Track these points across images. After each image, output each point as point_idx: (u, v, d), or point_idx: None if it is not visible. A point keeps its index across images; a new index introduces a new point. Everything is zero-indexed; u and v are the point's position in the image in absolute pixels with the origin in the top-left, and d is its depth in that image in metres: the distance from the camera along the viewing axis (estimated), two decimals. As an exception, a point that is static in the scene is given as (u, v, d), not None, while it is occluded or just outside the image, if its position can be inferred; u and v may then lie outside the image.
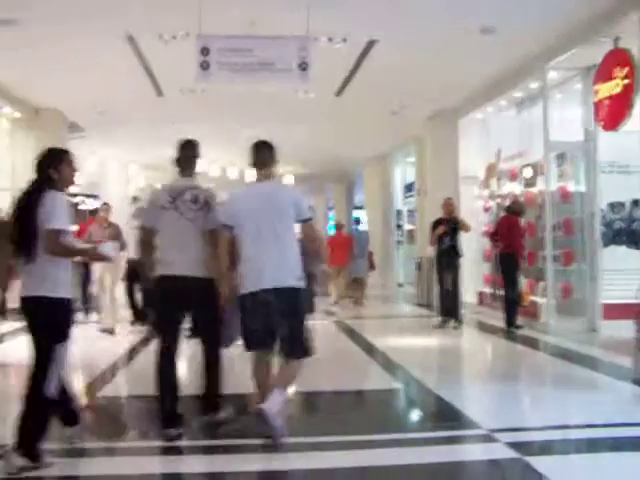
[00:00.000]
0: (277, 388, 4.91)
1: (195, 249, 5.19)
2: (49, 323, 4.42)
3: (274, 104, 13.41)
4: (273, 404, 4.78)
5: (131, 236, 9.62)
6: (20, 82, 12.03)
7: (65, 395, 4.76)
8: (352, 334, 10.66)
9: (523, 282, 10.95)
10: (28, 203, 4.48)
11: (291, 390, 5.39)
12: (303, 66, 8.53)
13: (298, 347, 5.05)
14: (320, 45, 9.17)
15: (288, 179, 24.49)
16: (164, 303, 5.27)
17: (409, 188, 19.05)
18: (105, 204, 11.59)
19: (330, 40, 9.38)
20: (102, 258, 5.06)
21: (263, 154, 5.43)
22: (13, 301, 6.83)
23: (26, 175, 4.75)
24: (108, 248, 4.94)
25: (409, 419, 6.21)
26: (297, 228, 5.21)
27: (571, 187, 10.84)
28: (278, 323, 4.97)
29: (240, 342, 5.20)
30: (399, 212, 20.62)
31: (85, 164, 19.16)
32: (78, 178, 5.46)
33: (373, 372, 8.02)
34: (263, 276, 4.94)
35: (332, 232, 18.44)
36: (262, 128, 16.12)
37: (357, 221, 19.07)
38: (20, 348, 5.34)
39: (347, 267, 14.80)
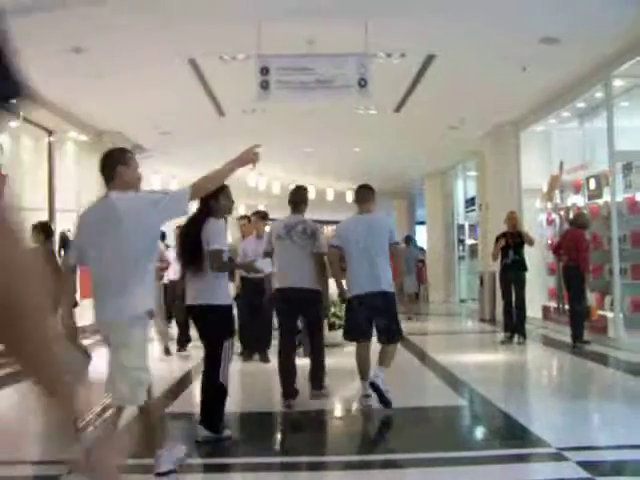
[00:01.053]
0: (381, 365, 6.45)
1: (304, 268, 6.70)
2: (219, 325, 5.41)
3: (334, 121, 13.49)
4: (380, 376, 6.34)
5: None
6: (85, 107, 12.39)
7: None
8: (414, 350, 10.57)
9: (591, 296, 10.68)
10: (194, 229, 5.48)
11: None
12: (362, 82, 8.56)
13: (393, 335, 6.61)
14: (379, 61, 9.20)
15: (349, 196, 24.54)
16: (283, 307, 6.96)
17: (471, 202, 18.87)
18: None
19: (389, 56, 9.40)
20: (256, 271, 6.75)
21: (364, 194, 6.96)
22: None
23: (91, 196, 4.88)
24: (265, 264, 6.45)
25: (475, 436, 6.10)
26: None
27: (638, 197, 10.58)
28: (377, 318, 6.53)
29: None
30: (461, 227, 20.44)
31: (147, 185, 19.58)
32: None
33: (437, 389, 7.92)
34: (366, 283, 6.50)
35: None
36: (322, 145, 16.32)
37: (408, 239, 18.29)
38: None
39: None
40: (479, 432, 6.26)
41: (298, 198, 7.07)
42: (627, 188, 10.71)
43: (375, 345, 6.68)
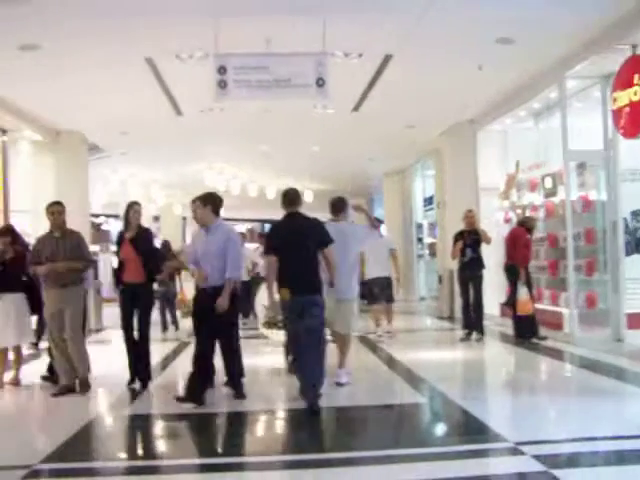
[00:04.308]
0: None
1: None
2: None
3: (292, 121, 13.48)
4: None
5: None
6: (41, 105, 12.20)
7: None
8: (374, 348, 10.62)
9: (523, 292, 10.73)
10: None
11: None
12: (320, 82, 8.55)
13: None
14: (336, 60, 9.20)
15: (307, 195, 24.49)
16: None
17: (429, 201, 19.00)
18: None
19: (346, 55, 9.42)
20: None
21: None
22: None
23: (46, 196, 4.85)
24: None
25: (434, 433, 6.16)
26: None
27: (592, 196, 10.78)
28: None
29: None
30: (419, 225, 20.57)
31: (106, 184, 19.38)
32: (98, 199, 6.13)
33: (397, 386, 7.98)
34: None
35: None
36: (280, 145, 16.29)
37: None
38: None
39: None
40: (438, 429, 6.31)
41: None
42: (581, 187, 10.90)
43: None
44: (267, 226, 36.50)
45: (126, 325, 7.79)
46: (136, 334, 7.78)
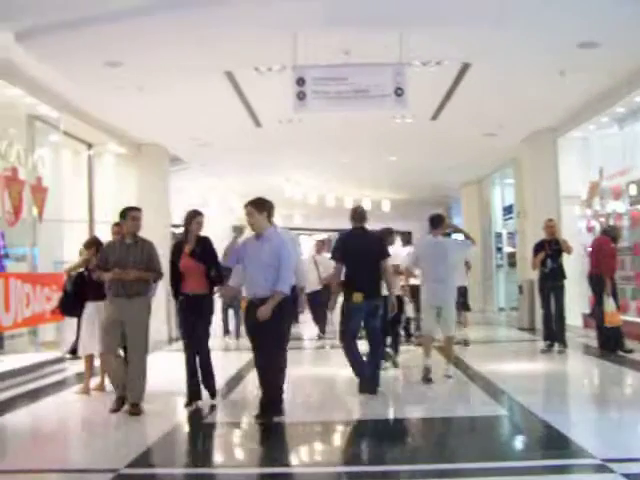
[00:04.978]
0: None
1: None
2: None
3: (371, 131, 13.49)
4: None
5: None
6: (124, 120, 12.59)
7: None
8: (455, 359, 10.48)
9: (611, 303, 10.39)
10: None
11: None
12: (399, 92, 8.54)
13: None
14: (415, 70, 9.18)
15: (385, 205, 24.47)
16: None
17: (508, 210, 18.71)
18: None
19: (424, 64, 9.38)
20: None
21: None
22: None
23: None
24: None
25: (516, 446, 6.02)
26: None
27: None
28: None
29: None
30: (498, 235, 20.27)
31: (186, 195, 19.78)
32: (179, 210, 6.29)
33: (476, 398, 7.85)
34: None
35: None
36: (359, 155, 16.32)
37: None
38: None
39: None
40: (520, 442, 6.16)
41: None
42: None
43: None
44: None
45: (187, 339, 7.34)
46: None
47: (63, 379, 9.23)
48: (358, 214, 7.96)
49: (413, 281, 9.76)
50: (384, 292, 7.95)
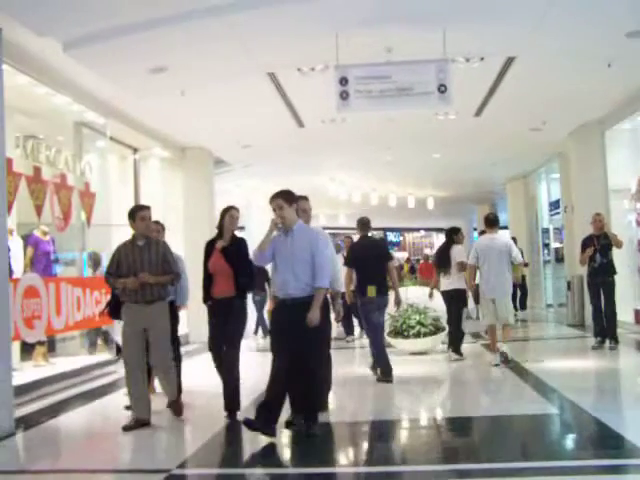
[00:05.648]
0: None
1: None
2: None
3: (414, 128, 13.43)
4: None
5: None
6: (169, 124, 12.73)
7: None
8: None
9: None
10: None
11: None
12: (442, 88, 8.47)
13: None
14: (458, 66, 9.11)
15: (429, 203, 24.36)
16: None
17: (555, 205, 18.44)
18: None
19: (468, 60, 9.30)
20: None
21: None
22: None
23: (174, 211, 5.05)
24: None
25: (568, 445, 5.90)
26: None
27: None
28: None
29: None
30: (545, 230, 19.99)
31: (230, 198, 19.92)
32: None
33: (526, 396, 7.76)
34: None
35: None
36: (402, 153, 16.26)
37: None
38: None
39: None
40: (571, 441, 6.05)
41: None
42: None
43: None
44: (389, 234, 36.53)
45: (215, 347, 6.89)
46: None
47: (114, 381, 9.38)
48: (363, 224, 9.11)
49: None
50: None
